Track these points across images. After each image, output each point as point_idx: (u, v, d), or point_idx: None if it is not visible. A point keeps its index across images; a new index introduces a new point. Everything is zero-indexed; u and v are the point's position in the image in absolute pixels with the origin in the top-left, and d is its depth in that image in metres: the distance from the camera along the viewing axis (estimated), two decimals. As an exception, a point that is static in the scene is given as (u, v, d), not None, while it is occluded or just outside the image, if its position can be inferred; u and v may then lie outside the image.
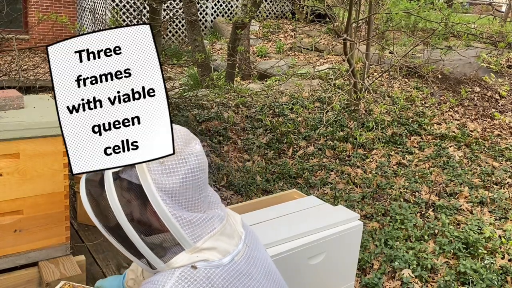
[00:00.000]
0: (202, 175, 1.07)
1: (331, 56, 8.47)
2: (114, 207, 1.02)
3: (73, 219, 2.48)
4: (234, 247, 1.11)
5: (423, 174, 4.40)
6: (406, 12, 6.32)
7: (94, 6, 10.24)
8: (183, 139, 1.07)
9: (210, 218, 1.09)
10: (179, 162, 1.03)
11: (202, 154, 1.09)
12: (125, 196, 1.04)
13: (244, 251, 1.14)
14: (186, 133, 1.10)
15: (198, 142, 1.10)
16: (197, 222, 1.05)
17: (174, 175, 1.02)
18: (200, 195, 1.08)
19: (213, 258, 1.06)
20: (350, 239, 2.08)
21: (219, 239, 1.08)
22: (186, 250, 1.04)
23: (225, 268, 1.07)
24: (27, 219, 1.86)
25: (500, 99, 6.43)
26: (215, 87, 6.56)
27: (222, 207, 1.18)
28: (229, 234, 1.12)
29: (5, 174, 1.76)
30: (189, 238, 1.04)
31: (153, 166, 1.03)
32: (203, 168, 1.08)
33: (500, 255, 3.27)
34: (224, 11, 11.62)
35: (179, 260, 1.04)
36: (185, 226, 1.03)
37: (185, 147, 1.06)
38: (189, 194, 1.04)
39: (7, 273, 1.86)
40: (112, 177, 1.04)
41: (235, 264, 1.09)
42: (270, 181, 4.22)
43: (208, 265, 1.04)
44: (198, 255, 1.05)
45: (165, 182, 1.02)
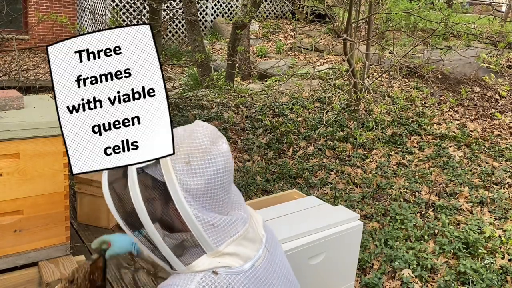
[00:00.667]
0: (228, 176, 1.04)
1: (331, 56, 8.47)
2: (137, 204, 0.99)
3: (73, 219, 2.48)
4: (255, 252, 1.09)
5: (423, 174, 4.40)
6: (406, 12, 6.32)
7: (94, 6, 10.24)
8: (210, 138, 1.03)
9: (234, 221, 1.06)
10: (206, 162, 1.00)
11: (229, 153, 1.05)
12: (148, 193, 1.01)
13: (265, 256, 1.12)
14: (214, 131, 1.05)
15: (225, 140, 1.06)
16: (220, 225, 1.02)
17: (200, 176, 0.99)
18: (225, 196, 1.05)
19: (234, 265, 1.03)
20: (350, 239, 2.08)
21: (241, 244, 1.06)
22: (207, 254, 1.01)
23: (245, 275, 1.04)
24: (27, 219, 1.86)
25: (500, 99, 6.43)
26: (215, 87, 6.56)
27: (245, 208, 1.15)
28: (251, 238, 1.09)
29: (5, 174, 1.76)
30: (212, 242, 1.01)
31: (179, 166, 0.99)
32: (229, 168, 1.04)
33: (500, 255, 3.27)
34: (224, 11, 11.62)
35: (201, 263, 1.01)
36: (208, 229, 1.00)
37: (212, 146, 1.02)
38: (214, 195, 1.01)
39: (7, 273, 1.86)
40: (136, 173, 1.02)
41: (255, 270, 1.07)
42: (270, 181, 4.22)
43: (229, 272, 1.02)
44: (220, 261, 1.02)
45: (191, 183, 0.98)
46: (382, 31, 7.42)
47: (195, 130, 1.03)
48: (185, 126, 1.07)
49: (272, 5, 12.18)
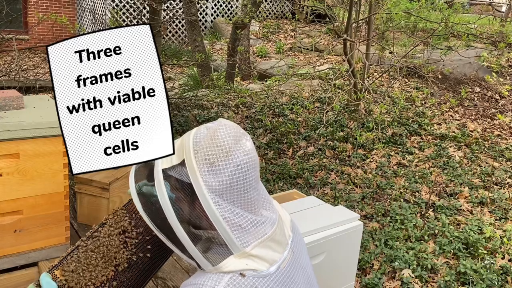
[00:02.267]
0: (253, 173, 1.03)
1: (331, 56, 8.48)
2: (164, 205, 1.00)
3: (73, 219, 2.48)
4: (280, 254, 1.09)
5: (423, 174, 4.39)
6: (406, 12, 6.32)
7: (94, 6, 10.24)
8: (233, 137, 1.02)
9: (262, 223, 1.05)
10: (229, 162, 1.00)
11: (253, 151, 1.05)
12: (175, 194, 1.02)
13: (290, 257, 1.12)
14: (237, 130, 1.05)
15: (248, 138, 1.06)
16: (247, 226, 1.02)
17: (222, 175, 0.99)
18: (253, 193, 1.04)
19: (261, 268, 1.03)
20: (350, 239, 2.08)
21: (268, 246, 1.06)
22: (234, 255, 1.02)
23: (271, 278, 1.04)
24: (27, 219, 1.86)
25: (500, 99, 6.43)
26: (215, 87, 6.56)
27: (273, 207, 1.15)
28: (278, 240, 1.09)
29: (5, 174, 1.76)
30: (239, 243, 1.01)
31: (204, 167, 1.00)
32: (254, 165, 1.04)
33: (500, 255, 3.27)
34: (224, 11, 11.62)
35: (228, 264, 1.01)
36: (235, 230, 1.01)
37: (235, 145, 1.02)
38: (241, 193, 1.01)
39: (7, 273, 1.86)
40: (162, 174, 1.02)
41: (280, 272, 1.07)
42: (270, 181, 4.22)
43: (256, 275, 1.02)
44: (248, 263, 1.02)
45: (215, 183, 0.99)
46: (382, 31, 7.42)
47: (218, 130, 1.03)
48: (207, 125, 1.06)
49: (272, 5, 12.18)
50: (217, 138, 1.01)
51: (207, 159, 1.00)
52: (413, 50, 6.63)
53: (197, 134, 1.03)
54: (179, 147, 1.05)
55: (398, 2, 7.54)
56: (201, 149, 1.01)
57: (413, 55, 7.12)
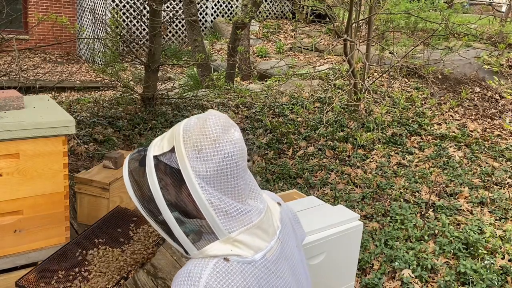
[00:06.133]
0: (239, 162, 1.07)
1: (331, 56, 8.48)
2: (154, 190, 1.04)
3: (73, 219, 2.48)
4: (267, 243, 1.11)
5: (423, 174, 4.39)
6: (406, 12, 6.31)
7: (94, 6, 10.24)
8: (222, 126, 1.06)
9: (248, 212, 1.09)
10: (216, 149, 1.04)
11: (240, 141, 1.08)
12: (165, 180, 1.06)
13: (277, 247, 1.15)
14: (226, 120, 1.09)
15: (237, 128, 1.10)
16: (233, 213, 1.06)
17: (211, 162, 1.03)
18: (240, 182, 1.07)
19: (246, 254, 1.06)
20: (350, 239, 2.08)
21: (254, 233, 1.09)
22: (220, 240, 1.05)
23: (256, 265, 1.07)
24: (27, 219, 1.86)
25: (500, 99, 6.43)
26: (215, 88, 6.56)
27: (262, 198, 1.18)
28: (265, 229, 1.12)
29: (5, 174, 1.76)
30: (224, 228, 1.04)
31: (192, 153, 1.04)
32: (241, 155, 1.08)
33: (500, 256, 3.27)
34: (224, 11, 11.62)
35: (213, 249, 1.05)
36: (221, 215, 1.04)
37: (223, 134, 1.05)
38: (227, 180, 1.05)
39: (7, 273, 1.86)
40: (153, 160, 1.06)
41: (266, 261, 1.10)
42: (270, 181, 4.22)
43: (240, 260, 1.05)
44: (232, 249, 1.05)
45: (202, 169, 1.03)
46: (382, 32, 7.42)
47: (207, 119, 1.07)
48: (198, 115, 1.11)
49: (272, 5, 12.18)
50: (206, 127, 1.05)
51: (196, 146, 1.04)
52: (413, 50, 6.63)
53: (188, 123, 1.08)
54: (170, 135, 1.08)
55: (398, 2, 7.54)
56: (190, 136, 1.05)
57: (413, 56, 7.12)
